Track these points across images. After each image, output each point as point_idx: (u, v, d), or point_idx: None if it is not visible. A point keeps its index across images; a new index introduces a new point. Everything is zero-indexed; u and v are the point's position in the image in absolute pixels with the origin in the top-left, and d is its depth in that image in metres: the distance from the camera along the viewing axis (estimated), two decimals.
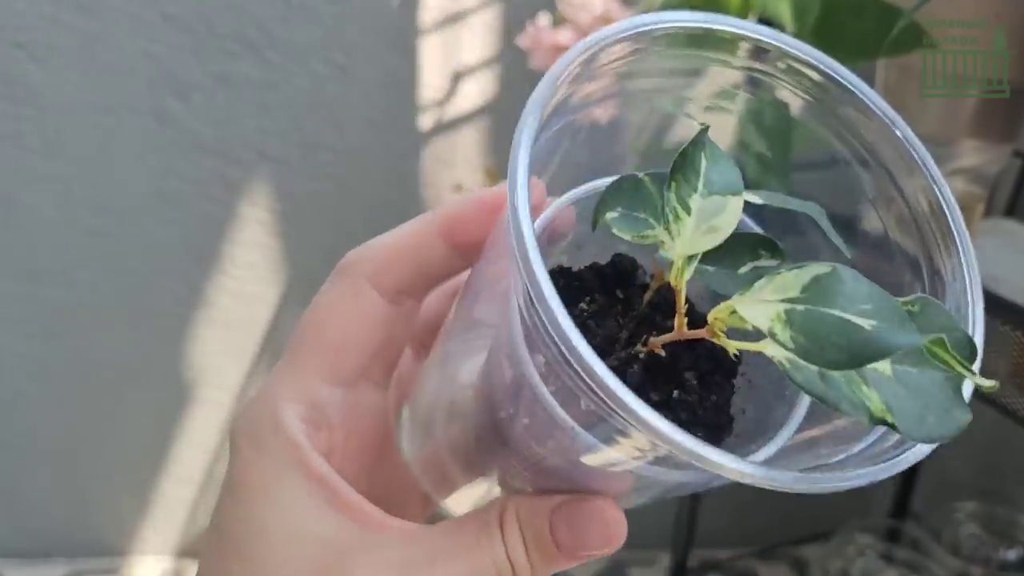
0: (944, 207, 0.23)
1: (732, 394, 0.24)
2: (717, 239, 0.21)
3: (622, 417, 0.18)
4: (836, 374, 0.18)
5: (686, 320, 0.21)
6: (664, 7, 0.57)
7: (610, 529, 0.23)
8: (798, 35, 0.56)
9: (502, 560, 0.23)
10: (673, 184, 0.21)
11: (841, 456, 0.21)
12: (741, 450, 0.23)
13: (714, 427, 0.23)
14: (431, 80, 0.81)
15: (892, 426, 0.18)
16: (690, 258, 0.21)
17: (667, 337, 0.22)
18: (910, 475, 0.95)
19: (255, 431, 0.24)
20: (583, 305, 0.24)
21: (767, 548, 1.02)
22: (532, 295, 0.18)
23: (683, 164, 0.21)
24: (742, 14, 0.56)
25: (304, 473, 0.24)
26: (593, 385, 0.18)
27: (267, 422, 0.24)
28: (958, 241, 0.22)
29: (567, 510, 0.23)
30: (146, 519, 0.99)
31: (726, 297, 0.20)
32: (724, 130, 0.83)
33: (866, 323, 0.18)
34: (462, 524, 0.24)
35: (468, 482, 0.27)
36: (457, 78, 0.82)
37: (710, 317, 0.20)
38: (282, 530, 0.23)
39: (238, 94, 0.79)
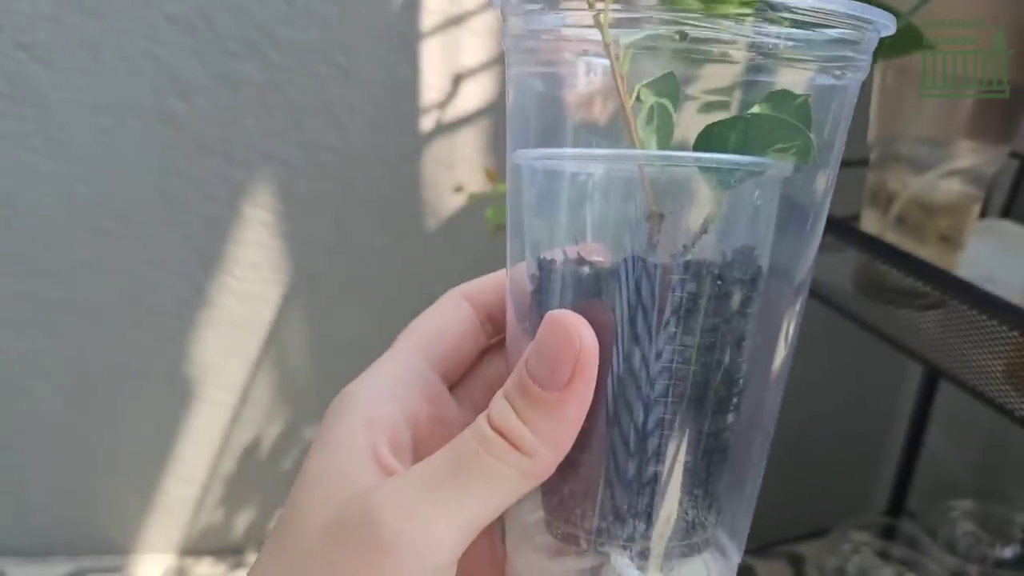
0: None
1: None
2: None
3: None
4: None
5: None
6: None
7: (571, 332, 0.22)
8: None
9: (483, 427, 0.23)
10: None
11: None
12: None
13: None
14: (432, 82, 0.82)
15: None
16: None
17: None
18: (906, 473, 0.96)
19: (340, 398, 0.26)
20: None
21: (764, 545, 1.02)
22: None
23: None
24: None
25: (364, 426, 0.25)
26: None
27: (350, 391, 0.26)
28: None
29: (536, 342, 0.23)
30: (149, 517, 0.99)
31: None
32: None
33: None
34: None
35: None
36: (458, 80, 0.82)
37: None
38: (322, 471, 0.24)
39: (240, 95, 0.80)
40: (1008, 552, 0.87)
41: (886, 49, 0.52)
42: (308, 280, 0.89)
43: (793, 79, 0.23)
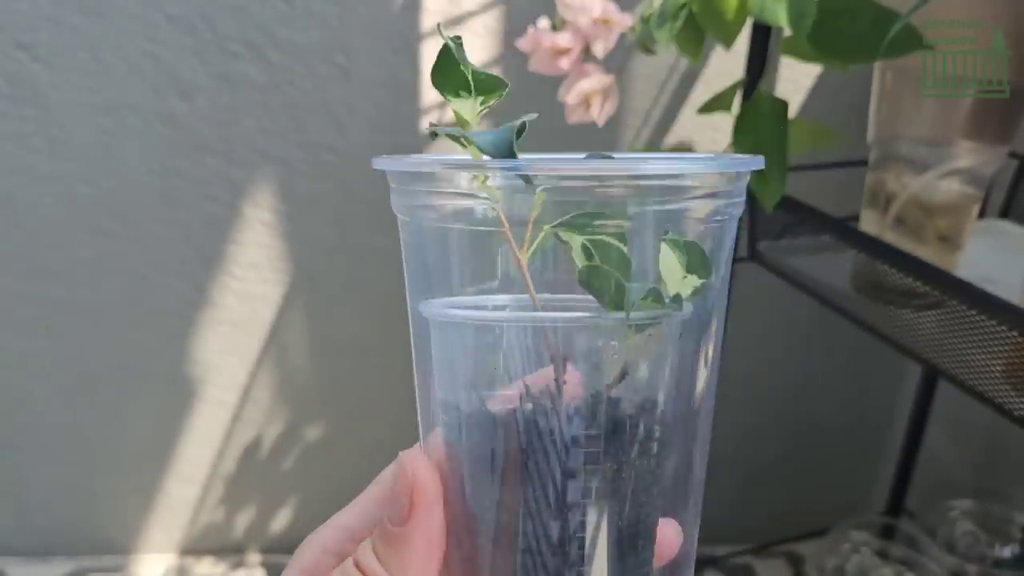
0: None
1: None
2: None
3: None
4: None
5: None
6: (662, 11, 0.58)
7: (406, 468, 0.24)
8: (795, 39, 0.56)
9: (348, 565, 0.25)
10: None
11: None
12: None
13: None
14: None
15: None
16: None
17: None
18: (905, 472, 0.96)
19: (305, 540, 0.28)
20: None
21: (763, 545, 1.02)
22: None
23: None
24: (739, 17, 0.57)
25: (300, 572, 0.27)
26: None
27: (313, 535, 0.28)
28: None
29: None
30: (150, 517, 1.00)
31: None
32: (723, 131, 0.84)
33: None
34: None
35: None
36: None
37: None
38: None
39: (241, 95, 0.80)
40: (1007, 552, 0.87)
41: (885, 50, 0.52)
42: (308, 280, 0.90)
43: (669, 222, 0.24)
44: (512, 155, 0.23)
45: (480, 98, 0.24)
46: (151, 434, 0.96)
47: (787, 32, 0.55)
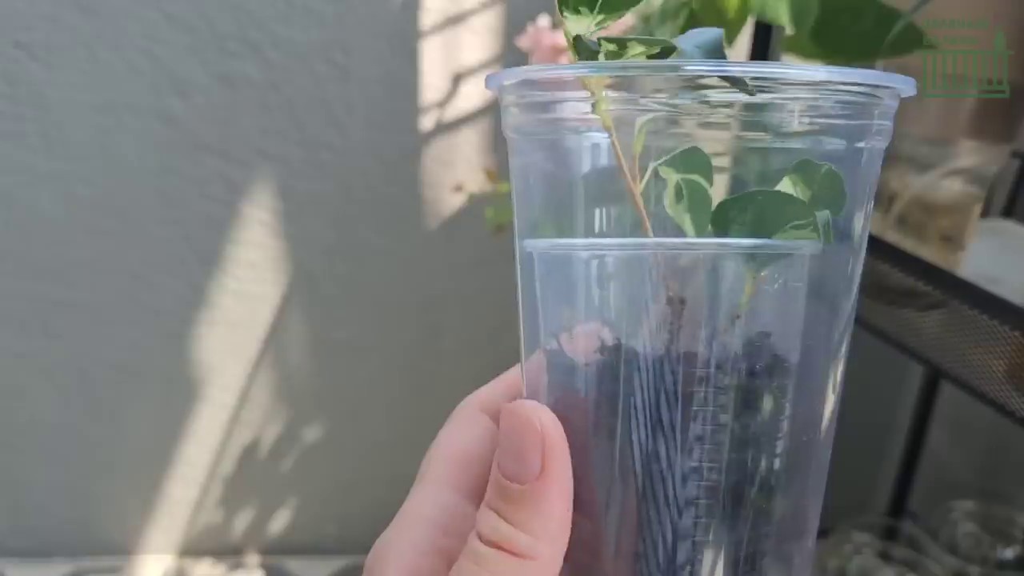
0: None
1: None
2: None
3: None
4: None
5: None
6: (663, 9, 0.58)
7: (531, 419, 0.22)
8: (797, 37, 0.56)
9: (476, 545, 0.22)
10: None
11: None
12: None
13: None
14: (432, 81, 0.82)
15: None
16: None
17: None
18: (907, 473, 0.96)
19: (378, 548, 0.25)
20: None
21: None
22: None
23: None
24: (740, 16, 0.56)
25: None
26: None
27: (388, 538, 0.25)
28: None
29: (500, 439, 0.22)
30: (149, 518, 0.99)
31: None
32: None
33: None
34: None
35: None
36: (457, 79, 0.82)
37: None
38: None
39: (239, 94, 0.80)
40: (1009, 553, 0.87)
41: (887, 49, 0.52)
42: (307, 280, 0.89)
43: (809, 146, 0.22)
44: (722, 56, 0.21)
45: (600, 16, 0.23)
46: (149, 435, 0.96)
47: (789, 31, 0.55)
